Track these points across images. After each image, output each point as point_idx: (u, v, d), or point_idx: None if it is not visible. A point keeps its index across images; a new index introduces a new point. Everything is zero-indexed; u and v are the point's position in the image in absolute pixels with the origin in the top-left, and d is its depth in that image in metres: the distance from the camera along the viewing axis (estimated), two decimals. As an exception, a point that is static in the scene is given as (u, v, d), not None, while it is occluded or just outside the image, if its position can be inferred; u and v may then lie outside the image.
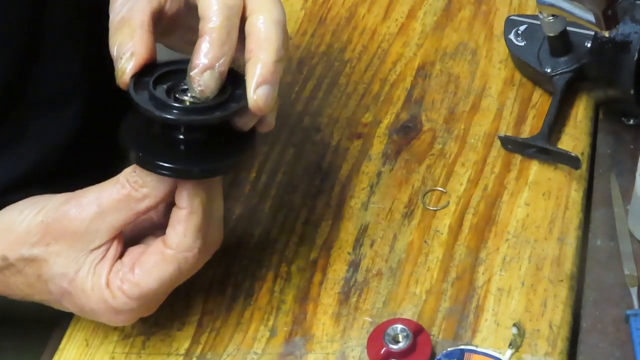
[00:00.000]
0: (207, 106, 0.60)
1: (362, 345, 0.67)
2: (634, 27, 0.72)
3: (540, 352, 0.65)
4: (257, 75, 0.59)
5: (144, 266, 0.62)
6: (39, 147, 0.84)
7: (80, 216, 0.62)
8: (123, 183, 0.61)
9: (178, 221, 0.61)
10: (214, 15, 0.59)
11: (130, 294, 0.62)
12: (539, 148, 0.75)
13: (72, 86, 0.86)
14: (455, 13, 0.90)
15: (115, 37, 0.63)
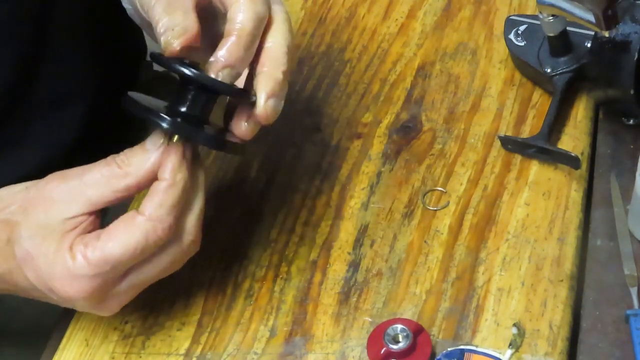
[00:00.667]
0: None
1: (362, 345, 0.67)
2: (634, 27, 0.72)
3: (540, 352, 0.65)
4: (268, 88, 0.63)
5: (110, 232, 0.62)
6: (42, 148, 0.84)
7: (61, 186, 0.63)
8: (109, 161, 0.63)
9: (156, 192, 0.62)
10: (246, 20, 0.63)
11: (90, 257, 0.61)
12: (539, 148, 0.75)
13: (75, 87, 0.86)
14: (455, 13, 0.90)
15: (163, 16, 0.64)
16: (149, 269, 0.64)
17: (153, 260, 0.63)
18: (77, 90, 0.86)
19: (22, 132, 0.83)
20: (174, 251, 0.64)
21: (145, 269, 0.64)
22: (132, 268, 0.63)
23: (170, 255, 0.63)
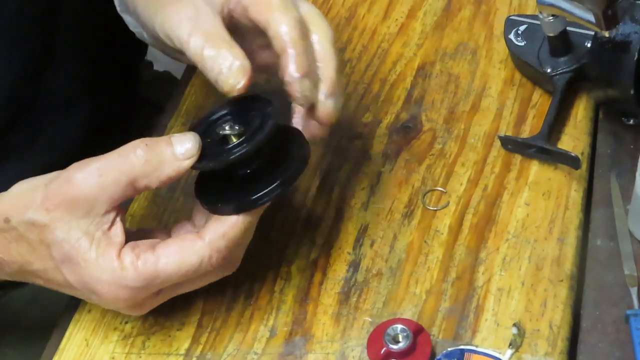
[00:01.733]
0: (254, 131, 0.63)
1: (362, 345, 0.67)
2: (634, 27, 0.72)
3: (540, 352, 0.65)
4: (325, 89, 0.65)
5: (166, 249, 0.62)
6: (50, 150, 0.84)
7: (82, 183, 0.62)
8: (131, 156, 0.62)
9: (222, 223, 0.62)
10: (292, 30, 0.64)
11: (141, 270, 0.61)
12: (539, 148, 0.75)
13: (81, 89, 0.86)
14: (455, 13, 0.90)
15: (210, 53, 0.64)
16: (188, 286, 0.65)
17: (195, 281, 0.65)
18: (82, 92, 0.86)
19: (31, 135, 0.83)
20: (216, 275, 0.65)
21: (185, 286, 0.65)
22: (175, 284, 0.64)
23: (211, 278, 0.65)
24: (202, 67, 0.65)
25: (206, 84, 0.88)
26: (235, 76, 0.63)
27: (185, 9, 0.66)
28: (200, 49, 0.64)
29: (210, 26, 0.66)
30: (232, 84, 0.64)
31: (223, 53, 0.64)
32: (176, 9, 0.67)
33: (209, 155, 0.63)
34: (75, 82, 0.85)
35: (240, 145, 0.62)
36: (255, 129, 0.63)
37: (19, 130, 0.82)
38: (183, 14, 0.66)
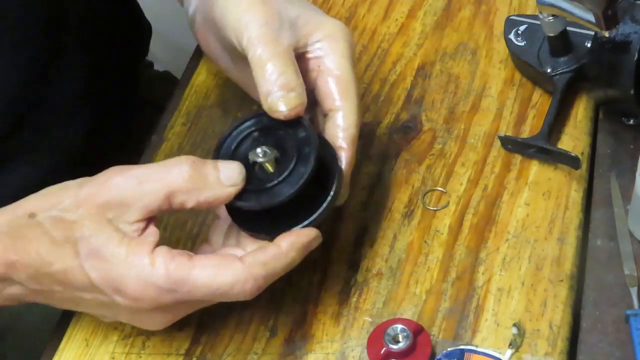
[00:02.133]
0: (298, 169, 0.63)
1: (362, 345, 0.67)
2: (634, 27, 0.72)
3: (540, 352, 0.65)
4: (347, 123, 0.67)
5: (204, 260, 0.60)
6: (55, 151, 0.84)
7: (119, 187, 0.61)
8: (174, 170, 0.61)
9: (266, 252, 0.61)
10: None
11: (172, 272, 0.59)
12: (539, 148, 0.75)
13: (85, 90, 0.86)
14: (455, 13, 0.90)
15: (273, 64, 0.64)
16: (206, 303, 0.64)
17: (217, 301, 0.63)
18: (86, 93, 0.86)
19: (36, 137, 0.83)
20: (237, 298, 0.62)
21: (206, 303, 0.64)
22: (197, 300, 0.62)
23: (231, 299, 0.62)
24: (259, 75, 0.64)
25: (206, 84, 0.88)
26: (288, 103, 0.63)
27: (270, 15, 0.66)
28: (266, 58, 0.64)
29: (287, 44, 0.66)
30: (281, 108, 0.63)
31: (288, 75, 0.64)
32: (262, 10, 0.66)
33: (248, 190, 0.63)
34: (79, 83, 0.85)
35: (284, 181, 0.62)
36: (292, 157, 0.63)
37: (24, 131, 0.82)
38: (263, 19, 0.66)
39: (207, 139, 0.83)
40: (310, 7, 0.71)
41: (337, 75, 0.67)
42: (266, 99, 0.64)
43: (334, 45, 0.68)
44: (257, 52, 0.64)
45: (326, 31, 0.68)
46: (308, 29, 0.68)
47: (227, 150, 0.65)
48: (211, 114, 0.85)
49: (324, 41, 0.68)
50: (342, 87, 0.67)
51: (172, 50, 1.03)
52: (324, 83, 0.68)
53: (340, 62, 0.67)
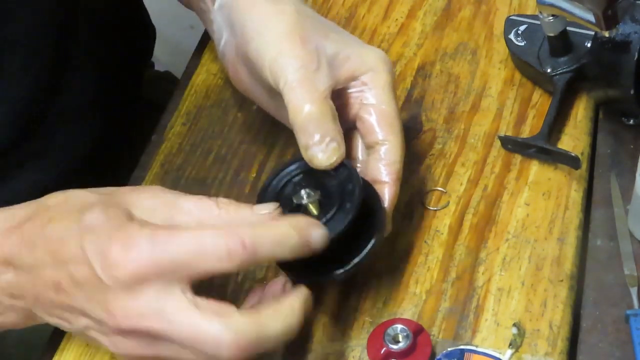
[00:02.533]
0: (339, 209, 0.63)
1: (362, 345, 0.67)
2: (634, 27, 0.72)
3: (540, 352, 0.65)
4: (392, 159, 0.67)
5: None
6: (63, 158, 0.85)
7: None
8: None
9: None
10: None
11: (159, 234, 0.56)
12: (539, 148, 0.75)
13: (93, 97, 0.86)
14: (455, 13, 0.90)
15: (310, 113, 0.63)
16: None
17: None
18: (95, 100, 0.87)
19: (45, 143, 0.83)
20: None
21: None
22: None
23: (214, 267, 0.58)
24: (296, 124, 0.64)
25: (206, 84, 0.88)
26: (327, 154, 0.63)
27: (308, 56, 0.65)
28: (302, 106, 0.63)
29: (323, 89, 0.64)
30: (321, 160, 0.63)
31: (325, 124, 0.63)
32: (299, 51, 0.65)
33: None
34: (87, 91, 0.86)
35: (328, 223, 0.62)
36: (335, 198, 0.63)
37: (32, 140, 0.82)
38: (300, 61, 0.65)
39: (207, 139, 0.83)
40: (348, 39, 0.70)
41: (380, 109, 0.67)
42: (305, 151, 0.64)
43: (376, 78, 0.67)
44: (294, 99, 0.64)
45: (368, 65, 0.67)
46: (349, 66, 0.67)
47: (272, 194, 0.65)
48: (211, 114, 0.85)
49: (366, 75, 0.67)
50: (386, 121, 0.67)
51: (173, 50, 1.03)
52: (367, 117, 0.67)
53: (383, 96, 0.67)
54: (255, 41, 0.67)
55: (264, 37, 0.67)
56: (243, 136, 0.82)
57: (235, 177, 0.80)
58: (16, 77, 0.78)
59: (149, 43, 1.02)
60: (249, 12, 0.69)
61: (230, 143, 0.83)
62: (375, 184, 0.66)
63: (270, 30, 0.67)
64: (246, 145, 0.81)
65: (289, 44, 0.65)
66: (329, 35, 0.68)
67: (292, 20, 0.67)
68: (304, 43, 0.66)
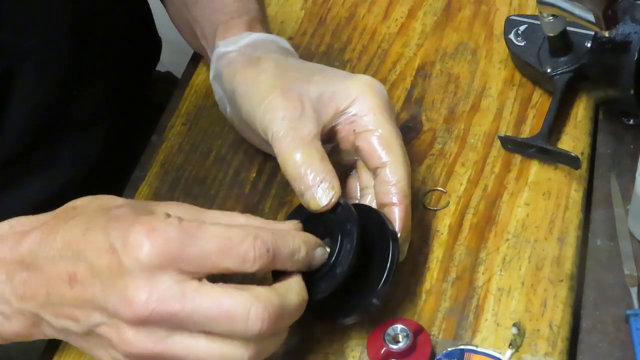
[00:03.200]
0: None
1: (362, 345, 0.67)
2: (634, 27, 0.72)
3: (540, 352, 0.65)
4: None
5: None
6: (70, 166, 0.85)
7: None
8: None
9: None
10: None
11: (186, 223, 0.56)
12: (539, 148, 0.75)
13: (103, 107, 0.87)
14: (455, 13, 0.90)
15: (299, 160, 0.64)
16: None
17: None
18: (104, 109, 0.87)
19: (53, 151, 0.83)
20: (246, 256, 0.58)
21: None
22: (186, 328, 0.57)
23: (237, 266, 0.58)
24: (287, 173, 0.65)
25: (206, 84, 0.88)
26: (322, 196, 0.64)
27: (290, 105, 0.66)
28: (289, 154, 0.65)
29: (308, 134, 0.66)
30: (317, 203, 0.64)
31: (314, 167, 0.64)
32: (281, 103, 0.67)
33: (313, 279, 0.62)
34: (98, 100, 0.86)
35: (336, 262, 0.62)
36: (337, 237, 0.63)
37: (41, 148, 0.82)
38: (281, 113, 0.66)
39: (207, 139, 0.83)
40: (333, 76, 0.71)
41: (377, 134, 0.67)
42: (301, 197, 0.65)
43: (366, 104, 0.68)
44: (281, 149, 0.65)
45: (353, 95, 0.68)
46: (335, 102, 0.68)
47: None
48: (211, 114, 0.85)
49: (355, 104, 0.68)
50: (384, 142, 0.67)
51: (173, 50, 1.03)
52: (365, 143, 0.68)
53: (376, 119, 0.67)
54: (244, 106, 0.70)
55: (250, 100, 0.69)
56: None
57: (235, 177, 0.80)
58: (29, 85, 0.78)
59: (156, 52, 1.02)
60: (233, 81, 0.72)
61: (230, 143, 0.83)
62: (384, 208, 0.67)
63: (254, 92, 0.69)
64: (246, 145, 0.81)
65: (271, 99, 0.67)
66: (311, 79, 0.70)
67: (272, 76, 0.69)
68: (285, 94, 0.67)
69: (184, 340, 0.56)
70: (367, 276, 0.64)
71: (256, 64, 0.72)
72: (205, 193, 0.79)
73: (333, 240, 0.63)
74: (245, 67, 0.72)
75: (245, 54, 0.74)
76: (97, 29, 0.84)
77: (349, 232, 0.63)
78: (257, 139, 0.76)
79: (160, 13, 0.94)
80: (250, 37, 0.76)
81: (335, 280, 0.62)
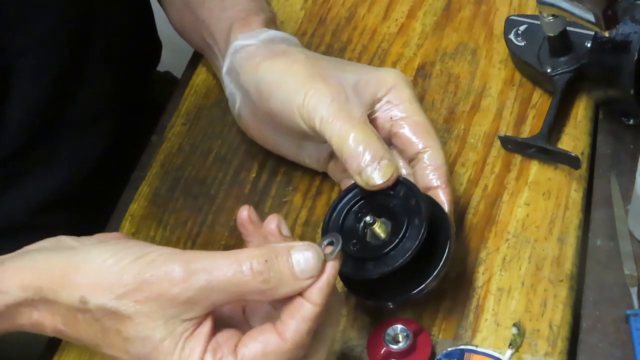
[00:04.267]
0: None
1: (362, 345, 0.67)
2: (634, 27, 0.72)
3: (540, 352, 0.65)
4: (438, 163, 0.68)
5: (252, 351, 0.56)
6: (70, 166, 0.85)
7: (185, 284, 0.55)
8: (245, 270, 0.55)
9: (304, 318, 0.56)
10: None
11: None
12: (539, 148, 0.75)
13: (103, 106, 0.87)
14: (455, 13, 0.90)
15: (356, 139, 0.64)
16: None
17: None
18: (104, 109, 0.87)
19: (53, 150, 0.83)
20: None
21: None
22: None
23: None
24: (344, 153, 0.65)
25: (206, 84, 0.88)
26: (382, 173, 0.64)
27: (334, 91, 0.67)
28: (345, 135, 0.64)
29: (360, 114, 0.66)
30: (376, 180, 0.64)
31: (373, 144, 0.64)
32: (325, 88, 0.67)
33: (365, 258, 0.63)
34: (98, 99, 0.86)
35: (399, 244, 0.62)
36: (402, 217, 0.62)
37: (41, 147, 0.82)
38: (329, 96, 0.66)
39: (207, 139, 0.83)
40: (362, 67, 0.73)
41: (413, 120, 0.68)
42: (360, 175, 0.64)
43: (400, 94, 0.69)
44: (335, 131, 0.65)
45: (388, 84, 0.69)
46: (371, 89, 0.69)
47: (335, 224, 0.65)
48: (211, 114, 0.85)
49: (390, 94, 0.69)
50: (422, 129, 0.68)
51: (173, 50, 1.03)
52: (402, 131, 0.68)
53: (411, 108, 0.69)
54: (276, 94, 0.69)
55: (286, 88, 0.69)
56: (243, 136, 0.82)
57: (235, 177, 0.80)
58: (28, 82, 0.78)
59: (156, 53, 1.02)
60: (257, 71, 0.72)
61: (230, 143, 0.83)
62: (429, 191, 0.67)
63: (290, 79, 0.69)
64: (246, 145, 0.81)
65: (313, 85, 0.67)
66: (345, 68, 0.71)
67: (307, 65, 0.70)
68: (327, 80, 0.68)
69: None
70: (423, 259, 0.63)
71: (284, 55, 0.72)
72: (205, 193, 0.79)
73: (394, 217, 0.63)
74: (271, 58, 0.72)
75: (268, 47, 0.74)
76: (97, 28, 0.84)
77: (414, 207, 0.62)
78: (273, 136, 0.76)
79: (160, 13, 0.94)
80: (268, 34, 0.76)
81: (405, 254, 0.61)
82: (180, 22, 0.87)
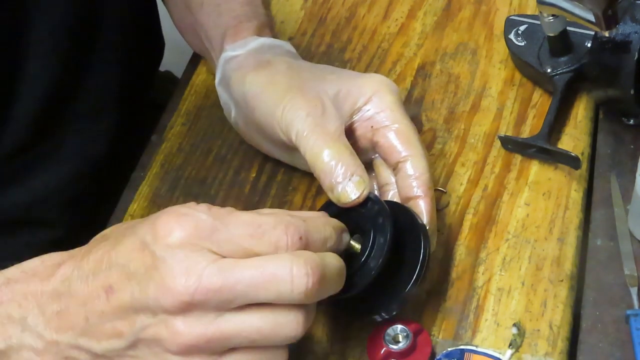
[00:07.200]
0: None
1: (362, 345, 0.67)
2: (634, 27, 0.72)
3: (540, 352, 0.65)
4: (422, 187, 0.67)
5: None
6: (75, 160, 0.85)
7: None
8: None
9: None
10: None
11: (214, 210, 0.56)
12: (539, 148, 0.75)
13: (108, 100, 0.87)
14: (455, 13, 0.90)
15: (328, 155, 0.64)
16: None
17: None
18: (109, 104, 0.87)
19: (58, 145, 0.83)
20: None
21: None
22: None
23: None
24: (317, 169, 0.65)
25: (206, 84, 0.88)
26: (354, 189, 0.63)
27: (311, 104, 0.67)
28: (318, 151, 0.65)
29: (334, 129, 0.66)
30: (349, 195, 0.63)
31: (345, 160, 0.64)
32: (301, 102, 0.67)
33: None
34: (104, 94, 0.86)
35: (369, 257, 0.62)
36: (369, 231, 0.62)
37: (46, 142, 0.82)
38: (304, 111, 0.66)
39: (207, 139, 0.83)
40: (345, 75, 0.72)
41: (395, 128, 0.68)
42: (331, 192, 0.64)
43: (381, 101, 0.68)
44: (309, 147, 0.65)
45: (369, 92, 0.69)
46: (352, 99, 0.69)
47: None
48: (211, 114, 0.85)
49: (371, 101, 0.68)
50: (403, 137, 0.68)
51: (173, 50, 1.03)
52: (384, 139, 0.68)
53: (393, 115, 0.68)
54: (259, 107, 0.70)
55: (267, 101, 0.69)
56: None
57: (235, 177, 0.80)
58: (34, 78, 0.78)
59: (160, 50, 1.03)
60: (244, 83, 0.72)
61: (230, 143, 0.83)
62: (409, 202, 0.67)
63: (270, 93, 0.69)
64: (246, 145, 0.81)
65: (290, 98, 0.67)
66: (325, 77, 0.70)
67: (287, 77, 0.70)
68: (304, 93, 0.68)
69: (234, 318, 0.54)
70: (399, 271, 0.64)
71: (267, 66, 0.72)
72: (205, 193, 0.79)
73: (364, 235, 0.63)
74: (256, 69, 0.72)
75: (254, 57, 0.74)
76: (103, 25, 0.84)
77: (381, 226, 0.62)
78: (266, 145, 0.76)
79: (161, 13, 0.94)
80: (257, 42, 0.76)
81: (369, 274, 0.61)
82: (182, 24, 0.87)
